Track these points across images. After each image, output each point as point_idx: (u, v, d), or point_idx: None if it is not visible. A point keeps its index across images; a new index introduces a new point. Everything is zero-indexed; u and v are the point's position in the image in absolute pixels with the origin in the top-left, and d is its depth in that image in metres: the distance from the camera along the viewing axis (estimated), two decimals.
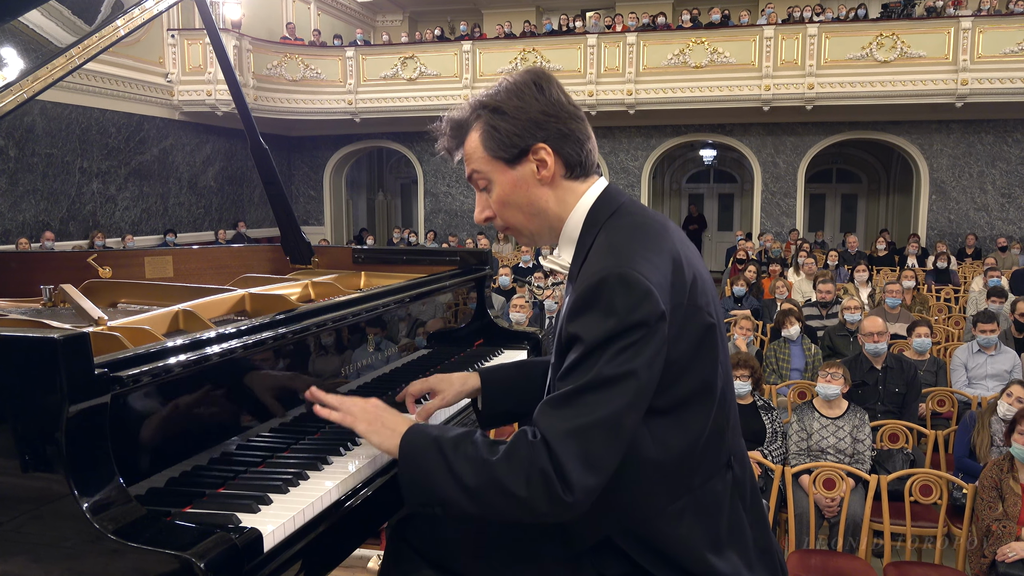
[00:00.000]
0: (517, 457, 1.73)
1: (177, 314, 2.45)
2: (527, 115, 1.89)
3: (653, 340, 1.72)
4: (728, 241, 21.69)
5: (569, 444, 1.69)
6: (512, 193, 1.96)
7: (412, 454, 1.85)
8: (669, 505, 1.89)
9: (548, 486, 1.68)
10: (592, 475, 1.69)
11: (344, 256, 3.97)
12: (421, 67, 19.37)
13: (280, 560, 1.68)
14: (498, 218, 2.02)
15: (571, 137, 1.92)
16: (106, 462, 1.59)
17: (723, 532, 1.93)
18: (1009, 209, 18.54)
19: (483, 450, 1.77)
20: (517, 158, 1.92)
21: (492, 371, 2.41)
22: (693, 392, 1.86)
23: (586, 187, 1.98)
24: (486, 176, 1.98)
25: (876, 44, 16.87)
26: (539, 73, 1.95)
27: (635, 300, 1.71)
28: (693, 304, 1.84)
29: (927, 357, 7.31)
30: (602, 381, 1.70)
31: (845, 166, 23.29)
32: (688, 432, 1.87)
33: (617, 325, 1.70)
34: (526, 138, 1.90)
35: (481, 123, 1.94)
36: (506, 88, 1.93)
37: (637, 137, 20.17)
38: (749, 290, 11.08)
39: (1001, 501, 4.38)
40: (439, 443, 1.82)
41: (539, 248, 14.38)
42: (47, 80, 2.55)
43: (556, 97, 1.92)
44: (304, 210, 21.94)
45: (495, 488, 1.73)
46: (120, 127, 16.35)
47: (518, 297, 8.83)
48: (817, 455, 5.41)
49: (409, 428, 1.91)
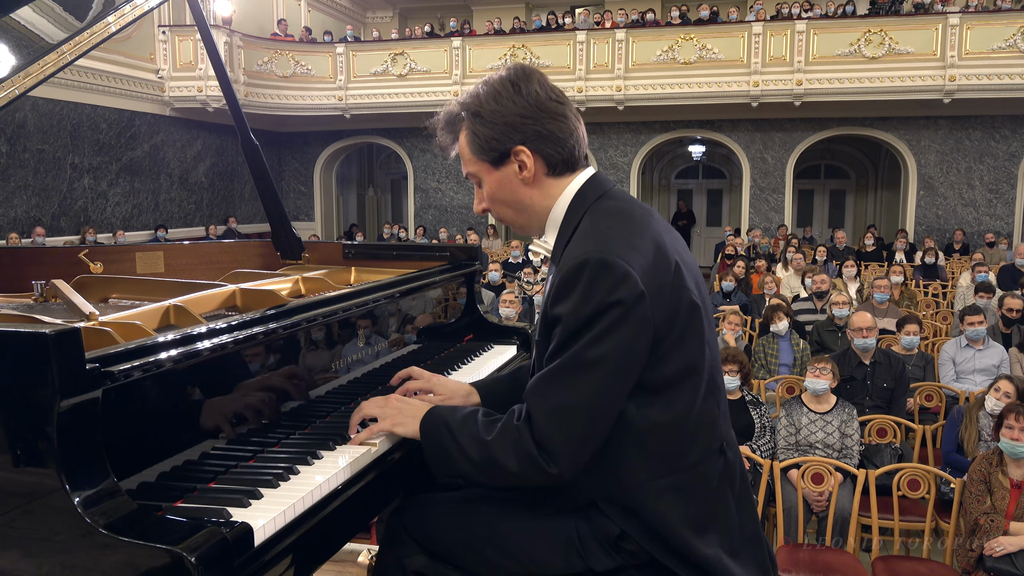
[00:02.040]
0: (506, 438, 1.89)
1: (168, 309, 2.45)
2: (503, 119, 1.94)
3: (633, 320, 1.79)
4: (717, 237, 21.72)
5: (552, 423, 1.84)
6: (498, 191, 2.04)
7: (430, 435, 2.04)
8: (651, 481, 1.94)
9: (535, 463, 1.84)
10: (574, 452, 1.85)
11: (334, 251, 3.96)
12: (411, 63, 19.37)
13: (271, 554, 1.68)
14: (492, 211, 2.09)
15: (550, 137, 1.96)
16: (97, 457, 1.59)
17: (707, 515, 1.98)
18: (996, 205, 18.61)
19: (481, 429, 1.94)
20: (499, 160, 1.99)
21: (489, 385, 2.50)
22: (679, 371, 1.91)
23: (571, 179, 2.03)
24: (476, 175, 2.05)
25: (864, 40, 16.93)
26: (518, 71, 1.99)
27: (613, 282, 1.78)
28: (678, 284, 1.89)
29: (915, 352, 7.33)
30: (584, 362, 1.80)
31: (833, 162, 23.34)
32: (672, 410, 1.92)
33: (596, 306, 1.78)
34: (504, 142, 1.96)
35: (466, 125, 2.01)
36: (484, 91, 1.98)
37: (626, 133, 20.19)
38: (738, 285, 11.11)
39: (989, 495, 4.40)
40: (448, 424, 2.01)
41: (528, 246, 14.37)
42: (38, 76, 2.54)
43: (534, 96, 1.95)
44: (294, 206, 21.92)
45: (493, 464, 1.90)
46: (111, 123, 16.34)
47: (508, 292, 8.84)
48: (805, 450, 5.43)
49: (428, 411, 2.09)
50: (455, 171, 21.01)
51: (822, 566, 4.21)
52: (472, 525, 2.12)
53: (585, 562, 1.99)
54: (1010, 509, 4.34)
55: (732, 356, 5.79)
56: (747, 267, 12.29)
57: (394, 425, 2.12)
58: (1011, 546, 4.12)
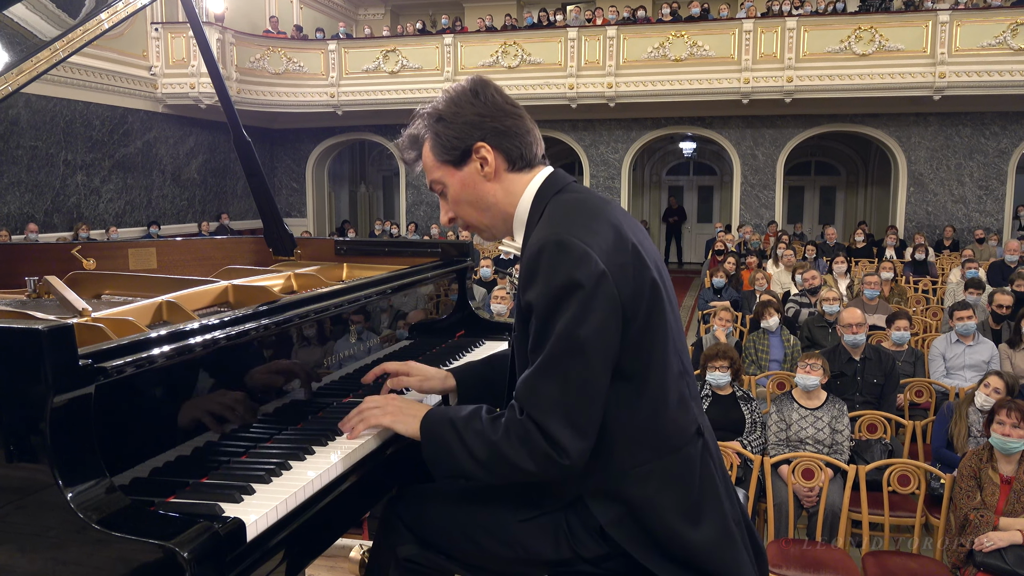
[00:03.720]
0: (516, 437, 1.89)
1: (161, 305, 2.45)
2: (463, 118, 2.05)
3: (600, 298, 1.84)
4: (708, 233, 21.71)
5: (553, 416, 1.85)
6: (462, 192, 2.11)
7: (432, 433, 2.05)
8: (634, 468, 1.98)
9: (549, 459, 1.86)
10: (581, 437, 1.87)
11: (326, 248, 3.96)
12: (403, 60, 19.36)
13: (263, 549, 1.69)
14: (458, 218, 2.17)
15: (508, 133, 2.06)
16: (90, 452, 1.60)
17: (695, 500, 2.01)
18: (986, 201, 18.66)
19: (487, 429, 1.95)
20: (461, 159, 2.07)
21: (465, 372, 2.56)
22: (650, 352, 1.95)
23: (531, 177, 2.11)
24: (440, 181, 2.13)
25: (855, 37, 16.95)
26: (476, 80, 2.10)
27: (573, 261, 1.83)
28: (639, 264, 1.93)
29: (905, 348, 7.36)
30: (564, 350, 1.84)
31: (824, 158, 23.39)
32: (648, 394, 1.97)
33: (560, 288, 1.83)
34: (465, 139, 2.05)
35: (429, 133, 2.10)
36: (445, 98, 2.09)
37: (617, 130, 20.19)
38: (728, 282, 11.12)
39: (979, 490, 4.42)
40: (453, 421, 2.02)
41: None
42: (32, 73, 2.55)
43: (491, 99, 2.06)
44: (287, 202, 21.90)
45: (505, 464, 1.92)
46: (104, 120, 16.34)
47: (499, 288, 8.87)
48: (796, 445, 5.44)
49: (428, 411, 2.11)
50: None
51: (812, 562, 4.22)
52: (466, 513, 2.17)
53: (574, 549, 2.03)
54: (1000, 505, 4.36)
55: (723, 352, 5.80)
56: (738, 263, 12.30)
57: (394, 422, 2.14)
58: (1001, 541, 4.12)
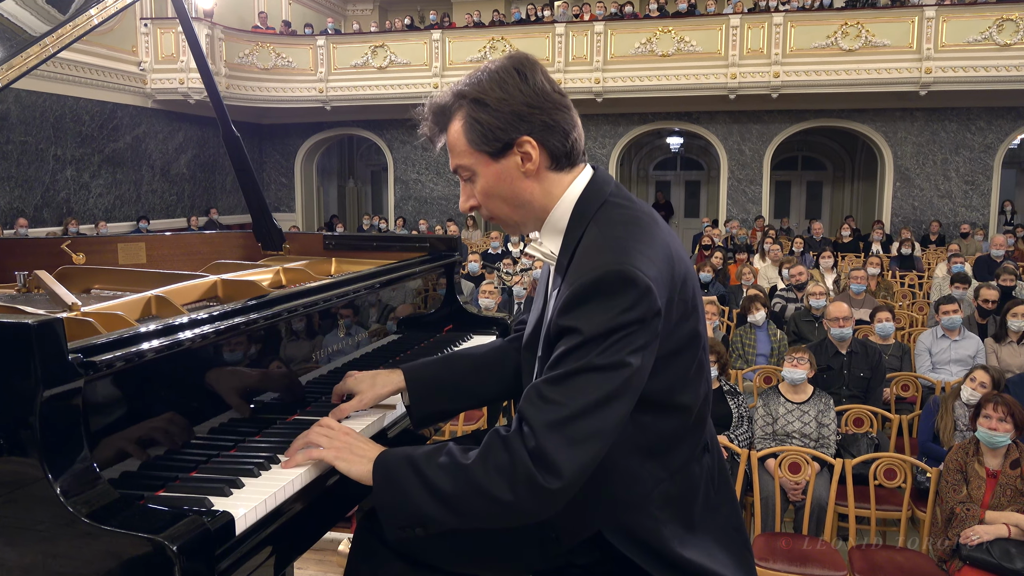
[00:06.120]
0: (494, 458, 1.70)
1: (150, 300, 2.44)
2: (510, 107, 1.82)
3: (647, 334, 1.70)
4: (694, 228, 21.72)
5: (554, 429, 1.67)
6: (496, 185, 1.89)
7: (386, 476, 1.81)
8: (653, 490, 1.90)
9: (530, 484, 1.66)
10: (578, 458, 1.67)
11: (315, 242, 3.96)
12: (391, 56, 19.35)
13: (251, 543, 1.69)
14: (483, 208, 1.95)
15: (556, 128, 1.85)
16: (79, 446, 1.60)
17: (697, 515, 1.95)
18: (972, 196, 18.73)
19: (457, 456, 1.75)
20: (501, 151, 1.85)
21: (417, 369, 2.30)
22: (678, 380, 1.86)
23: (572, 177, 1.92)
24: (470, 168, 1.89)
25: (841, 33, 17.00)
26: (522, 60, 1.87)
27: (635, 297, 1.68)
28: (683, 299, 1.83)
29: (892, 342, 7.39)
30: (593, 368, 1.67)
31: (810, 153, 23.44)
32: (671, 422, 1.89)
33: (616, 320, 1.68)
34: (510, 131, 1.83)
35: (463, 113, 1.86)
36: (488, 78, 1.85)
37: (605, 125, 20.21)
38: (715, 276, 11.12)
39: (966, 484, 4.44)
40: (411, 459, 1.79)
41: (507, 236, 14.46)
42: (21, 68, 2.55)
43: (540, 86, 1.84)
44: (275, 197, 21.87)
45: (475, 492, 1.70)
46: (93, 115, 16.33)
47: (487, 283, 8.87)
48: (783, 439, 5.47)
49: (381, 452, 1.87)
50: (435, 163, 21.00)
51: (799, 555, 4.24)
52: None
53: (566, 556, 1.98)
54: (986, 498, 4.38)
55: (710, 347, 5.81)
56: (724, 258, 12.33)
57: (336, 459, 1.90)
58: (987, 535, 4.13)
